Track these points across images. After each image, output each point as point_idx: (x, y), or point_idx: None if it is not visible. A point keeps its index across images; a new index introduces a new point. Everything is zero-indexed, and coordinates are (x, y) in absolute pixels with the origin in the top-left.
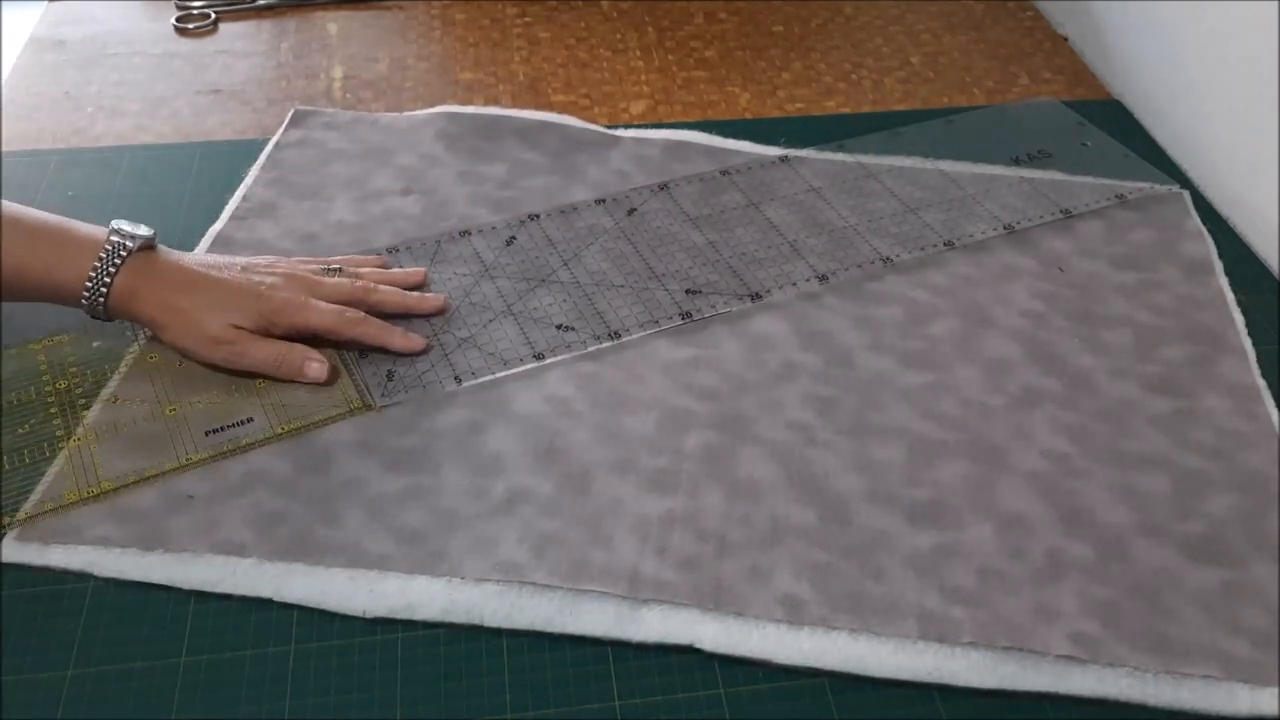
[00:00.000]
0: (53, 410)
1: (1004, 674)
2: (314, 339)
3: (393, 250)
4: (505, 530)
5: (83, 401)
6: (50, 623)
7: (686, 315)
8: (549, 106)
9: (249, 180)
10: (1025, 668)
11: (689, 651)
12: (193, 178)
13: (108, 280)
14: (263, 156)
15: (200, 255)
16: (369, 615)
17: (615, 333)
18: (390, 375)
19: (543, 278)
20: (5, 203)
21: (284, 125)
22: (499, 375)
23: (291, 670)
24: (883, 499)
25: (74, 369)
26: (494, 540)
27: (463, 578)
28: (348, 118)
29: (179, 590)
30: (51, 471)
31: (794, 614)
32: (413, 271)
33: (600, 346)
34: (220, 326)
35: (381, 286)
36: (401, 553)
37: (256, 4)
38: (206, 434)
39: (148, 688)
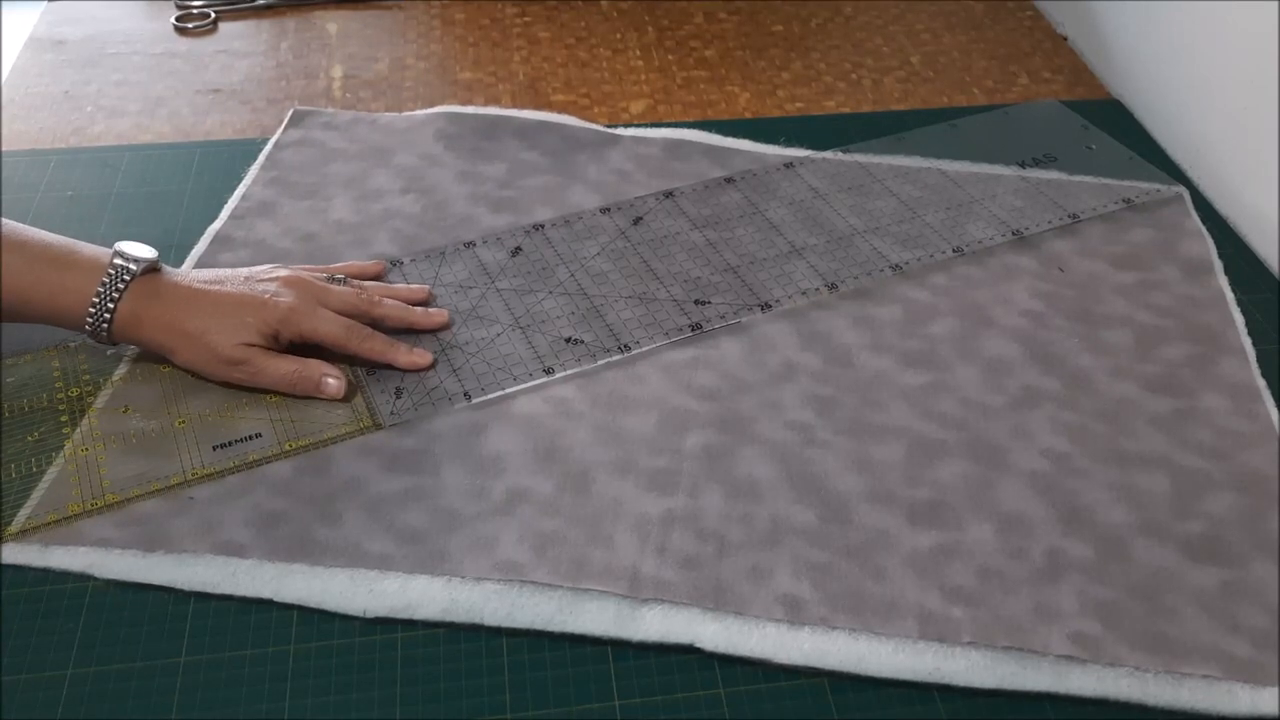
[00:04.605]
0: (63, 418)
1: (1004, 674)
2: (318, 350)
3: (396, 263)
4: (505, 530)
5: (94, 410)
6: (50, 623)
7: (696, 326)
8: (549, 106)
9: (248, 180)
10: (1025, 668)
11: (689, 651)
12: (192, 177)
13: (110, 307)
14: (262, 156)
15: (201, 271)
16: (369, 615)
17: (625, 345)
18: (399, 392)
19: (549, 289)
20: (8, 223)
21: (283, 125)
22: (509, 391)
23: (291, 670)
24: (883, 499)
25: (87, 376)
26: (494, 540)
27: (463, 577)
28: (347, 117)
29: (179, 590)
30: (49, 477)
31: (794, 614)
32: (417, 288)
33: (610, 359)
34: (232, 347)
35: (386, 300)
36: (401, 553)
37: (256, 4)
38: (214, 448)
39: (148, 688)
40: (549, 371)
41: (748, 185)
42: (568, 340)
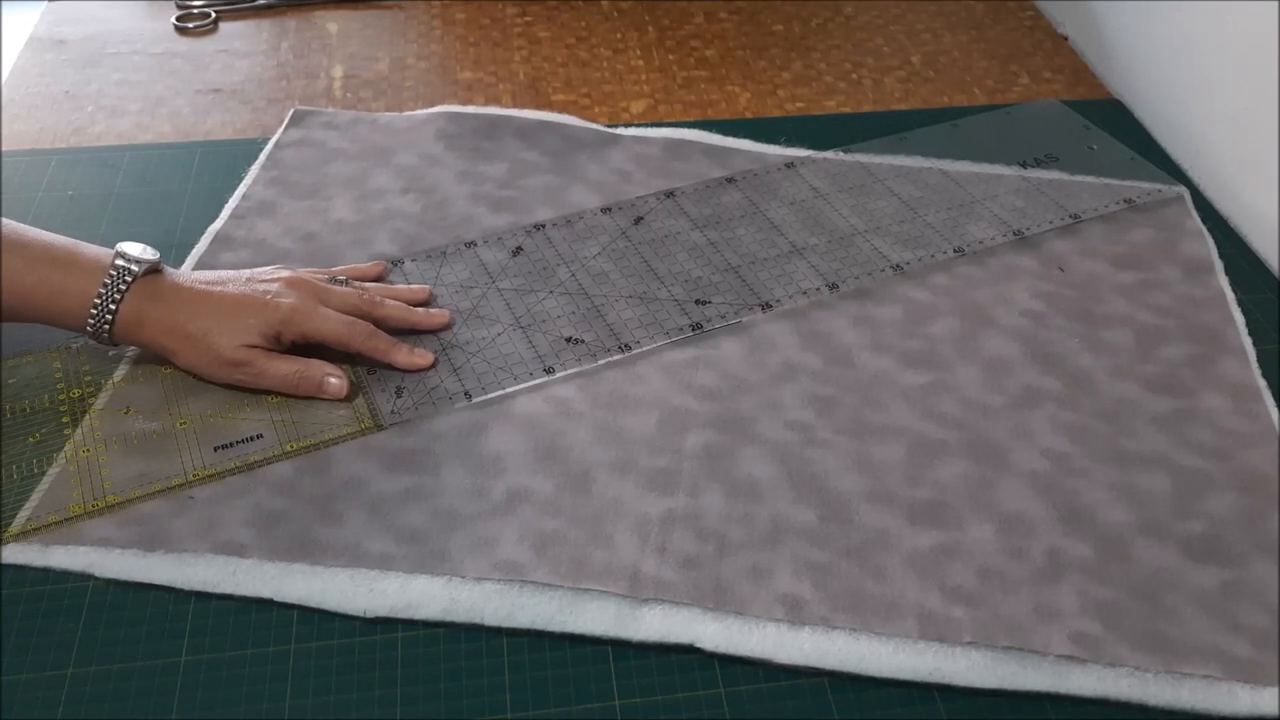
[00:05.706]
0: (65, 419)
1: (1004, 674)
2: (320, 350)
3: (397, 263)
4: (506, 529)
5: (95, 411)
6: (50, 623)
7: (697, 326)
8: (549, 106)
9: (249, 179)
10: (1025, 668)
11: (689, 651)
12: (193, 177)
13: (112, 308)
14: (262, 156)
15: (203, 272)
16: (369, 615)
17: (625, 345)
18: (399, 392)
19: (550, 289)
20: (10, 223)
21: (284, 125)
22: (509, 390)
23: (291, 670)
24: (883, 499)
25: (89, 377)
26: (494, 539)
27: (463, 577)
28: (347, 117)
29: (179, 590)
30: (49, 478)
31: (794, 614)
32: (418, 289)
33: (611, 359)
34: (233, 349)
35: (388, 301)
36: (402, 552)
37: (256, 3)
38: (215, 449)
39: (148, 688)
40: (549, 371)
41: (748, 185)
42: (568, 340)
